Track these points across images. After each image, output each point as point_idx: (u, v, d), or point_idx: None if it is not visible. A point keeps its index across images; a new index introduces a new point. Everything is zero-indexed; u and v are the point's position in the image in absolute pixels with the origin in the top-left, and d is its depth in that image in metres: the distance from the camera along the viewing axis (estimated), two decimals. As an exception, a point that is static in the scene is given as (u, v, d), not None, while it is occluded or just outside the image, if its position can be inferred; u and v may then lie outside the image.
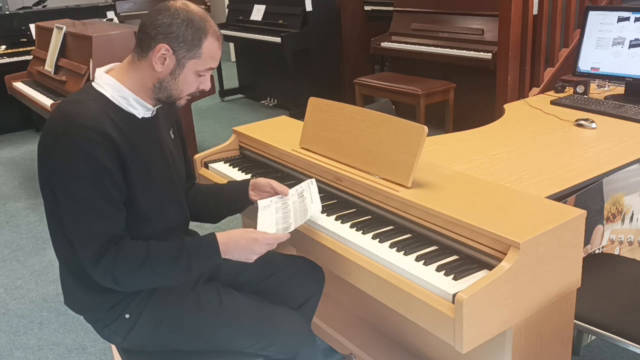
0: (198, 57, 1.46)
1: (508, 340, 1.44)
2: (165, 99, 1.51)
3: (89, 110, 1.39)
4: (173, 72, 1.46)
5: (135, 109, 1.49)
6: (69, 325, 2.66)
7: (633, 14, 2.50)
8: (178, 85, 1.48)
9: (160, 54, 1.43)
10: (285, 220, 1.61)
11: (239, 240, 1.48)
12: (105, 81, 1.48)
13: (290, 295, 1.76)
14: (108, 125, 1.39)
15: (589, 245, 2.01)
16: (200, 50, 1.45)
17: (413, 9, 4.77)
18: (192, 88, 1.51)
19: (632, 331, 1.58)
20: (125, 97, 1.47)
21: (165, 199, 1.55)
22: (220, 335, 1.55)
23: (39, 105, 4.15)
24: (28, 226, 3.74)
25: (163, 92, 1.49)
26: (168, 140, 1.62)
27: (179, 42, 1.43)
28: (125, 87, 1.47)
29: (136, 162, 1.44)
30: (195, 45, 1.44)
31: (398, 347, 2.00)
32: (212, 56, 1.48)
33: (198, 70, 1.48)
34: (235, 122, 5.66)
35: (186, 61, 1.45)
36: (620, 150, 2.01)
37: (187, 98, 1.54)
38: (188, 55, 1.45)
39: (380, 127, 1.72)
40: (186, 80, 1.48)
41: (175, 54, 1.44)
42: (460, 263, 1.43)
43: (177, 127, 1.72)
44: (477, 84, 4.41)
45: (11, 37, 5.45)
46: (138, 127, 1.49)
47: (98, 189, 1.37)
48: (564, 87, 2.74)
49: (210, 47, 1.46)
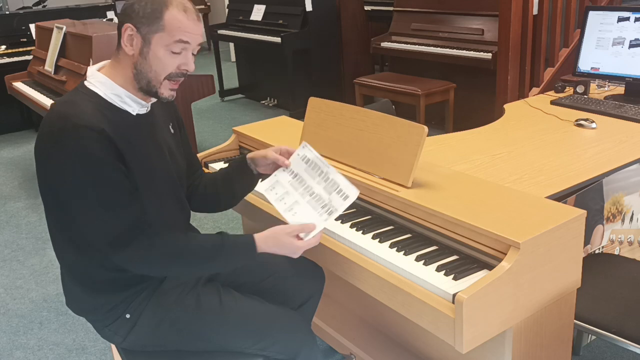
0: (162, 29, 1.41)
1: (508, 340, 1.44)
2: (146, 87, 1.46)
3: (84, 110, 1.38)
4: (142, 52, 1.43)
5: (129, 106, 1.48)
6: (69, 325, 2.66)
7: (633, 14, 2.50)
8: (151, 66, 1.43)
9: (127, 34, 1.42)
10: (321, 202, 1.53)
11: (278, 249, 1.49)
12: (97, 79, 1.47)
13: (291, 295, 1.76)
14: (104, 123, 1.38)
15: (589, 245, 2.01)
16: (162, 22, 1.40)
17: (413, 9, 4.77)
18: (169, 67, 1.44)
19: (632, 331, 1.58)
20: (118, 94, 1.46)
21: (165, 196, 1.54)
22: (221, 336, 1.55)
23: (39, 105, 4.15)
24: (28, 226, 3.74)
25: (142, 78, 1.45)
26: (167, 136, 1.62)
27: (140, 18, 1.41)
28: (116, 84, 1.46)
29: (134, 159, 1.44)
30: (156, 17, 1.40)
31: (398, 347, 2.00)
32: (178, 27, 1.41)
33: (166, 44, 1.42)
34: (235, 122, 5.66)
35: (151, 36, 1.41)
36: (620, 150, 2.01)
37: (170, 88, 1.47)
38: (151, 29, 1.41)
39: (380, 127, 1.72)
40: (156, 57, 1.42)
41: (139, 31, 1.41)
42: (460, 263, 1.43)
43: (178, 122, 1.70)
44: (477, 84, 4.41)
45: (11, 37, 5.45)
46: (133, 124, 1.48)
47: (105, 183, 1.36)
48: (564, 87, 2.74)
49: (173, 17, 1.41)
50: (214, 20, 8.58)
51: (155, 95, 1.48)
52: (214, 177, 1.77)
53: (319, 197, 1.54)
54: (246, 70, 6.49)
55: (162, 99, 1.49)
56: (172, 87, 1.48)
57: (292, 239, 1.48)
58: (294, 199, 1.57)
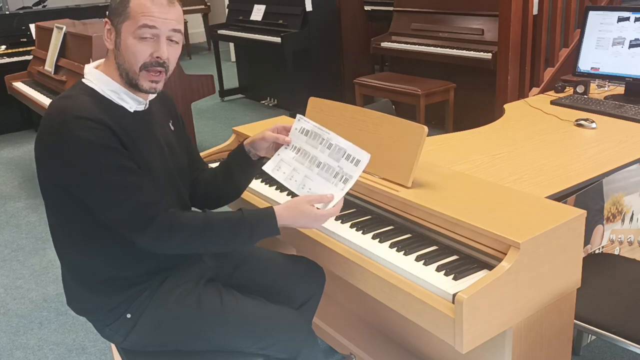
0: (128, 17, 1.40)
1: (508, 340, 1.44)
2: (127, 80, 1.44)
3: (82, 103, 1.38)
4: (117, 44, 1.43)
5: (126, 103, 1.48)
6: (69, 325, 2.66)
7: (633, 14, 2.50)
8: (124, 57, 1.42)
9: (106, 29, 1.44)
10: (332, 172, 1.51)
11: (298, 220, 1.48)
12: (94, 76, 1.47)
13: (291, 295, 1.76)
14: (102, 115, 1.38)
15: (589, 245, 2.01)
16: (127, 9, 1.40)
17: (413, 9, 4.76)
18: (140, 57, 1.41)
19: (632, 331, 1.58)
20: (116, 90, 1.46)
21: (164, 194, 1.53)
22: (221, 336, 1.55)
23: (39, 105, 4.15)
24: (28, 226, 3.74)
25: (122, 71, 1.44)
26: (167, 132, 1.61)
27: (113, 10, 1.42)
28: (112, 80, 1.46)
29: (134, 154, 1.43)
30: (123, 6, 1.40)
31: (398, 347, 2.00)
32: (142, 12, 1.39)
33: (132, 31, 1.40)
34: (235, 122, 5.66)
35: (120, 26, 1.41)
36: (620, 150, 2.01)
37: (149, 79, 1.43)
38: (120, 19, 1.41)
39: (380, 127, 1.72)
40: (127, 46, 1.40)
41: (112, 23, 1.43)
42: (460, 263, 1.43)
43: (177, 118, 1.70)
44: (477, 84, 4.41)
45: (11, 37, 5.45)
46: (131, 120, 1.47)
47: (113, 167, 1.36)
48: (564, 87, 2.74)
49: (138, 3, 1.39)
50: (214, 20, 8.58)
51: (137, 88, 1.46)
52: (214, 171, 1.76)
53: (328, 166, 1.51)
54: (246, 70, 6.49)
55: (144, 91, 1.47)
56: (152, 79, 1.44)
57: (312, 208, 1.48)
58: (304, 174, 1.54)
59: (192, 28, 9.89)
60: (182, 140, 1.69)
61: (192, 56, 9.30)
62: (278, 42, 5.32)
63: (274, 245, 2.19)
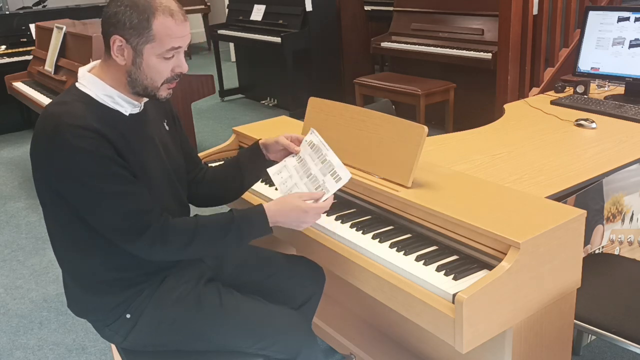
0: (152, 40, 1.38)
1: (508, 340, 1.44)
2: (143, 92, 1.46)
3: (75, 110, 1.38)
4: (135, 62, 1.41)
5: (121, 107, 1.47)
6: (69, 325, 2.66)
7: (633, 14, 2.50)
8: (146, 75, 1.42)
9: (117, 46, 1.40)
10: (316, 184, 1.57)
11: (288, 214, 1.50)
12: (88, 80, 1.46)
13: (291, 295, 1.76)
14: (95, 122, 1.38)
15: (589, 245, 2.01)
16: (151, 32, 1.37)
17: (413, 9, 4.76)
18: (164, 74, 1.43)
19: (632, 331, 1.58)
20: (110, 95, 1.45)
21: (162, 193, 1.53)
22: (221, 336, 1.55)
23: (39, 105, 4.15)
24: (28, 226, 3.74)
25: (137, 85, 1.44)
26: (162, 133, 1.61)
27: (128, 29, 1.37)
28: (108, 85, 1.45)
29: (128, 156, 1.43)
30: (144, 27, 1.37)
31: (398, 347, 2.00)
32: (169, 35, 1.38)
33: (158, 53, 1.40)
34: (235, 122, 5.66)
35: (142, 47, 1.39)
36: (620, 150, 2.01)
37: (167, 88, 1.47)
38: (141, 40, 1.38)
39: (381, 127, 1.72)
40: (150, 66, 1.41)
41: (129, 42, 1.39)
42: (460, 263, 1.43)
43: (172, 118, 1.70)
44: (477, 84, 4.41)
45: (11, 37, 5.45)
46: (126, 124, 1.47)
47: (106, 175, 1.36)
48: (564, 87, 2.74)
49: (162, 25, 1.37)
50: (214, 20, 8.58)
51: (154, 98, 1.48)
52: (220, 168, 1.77)
53: (315, 178, 1.59)
54: (246, 70, 6.49)
55: (161, 100, 1.50)
56: (170, 87, 1.49)
57: (301, 201, 1.51)
58: (294, 182, 1.63)
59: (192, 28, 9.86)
60: (177, 139, 1.68)
61: (192, 56, 9.30)
62: (278, 42, 5.32)
63: (273, 245, 2.19)
